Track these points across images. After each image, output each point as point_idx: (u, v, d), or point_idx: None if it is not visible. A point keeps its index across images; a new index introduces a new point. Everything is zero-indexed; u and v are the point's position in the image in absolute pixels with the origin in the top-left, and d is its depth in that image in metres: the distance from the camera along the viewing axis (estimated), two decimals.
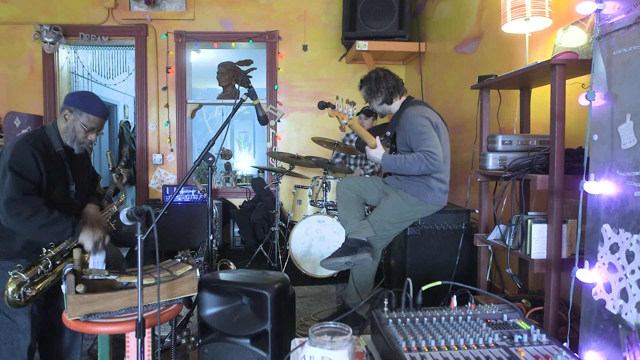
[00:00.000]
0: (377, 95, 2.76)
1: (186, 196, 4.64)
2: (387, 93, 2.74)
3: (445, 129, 2.71)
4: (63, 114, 1.99)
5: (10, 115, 4.33)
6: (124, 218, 1.59)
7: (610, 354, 1.30)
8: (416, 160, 2.48)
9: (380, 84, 2.74)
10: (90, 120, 1.99)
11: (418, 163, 2.47)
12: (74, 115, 1.98)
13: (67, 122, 1.98)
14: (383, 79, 2.75)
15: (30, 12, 4.89)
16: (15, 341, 1.92)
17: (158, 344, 1.81)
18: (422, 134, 2.52)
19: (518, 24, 2.23)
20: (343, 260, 2.53)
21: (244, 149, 9.41)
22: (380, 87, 2.74)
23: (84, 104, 1.98)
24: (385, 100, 2.76)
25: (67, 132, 1.99)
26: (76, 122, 1.98)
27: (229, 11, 5.05)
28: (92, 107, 1.99)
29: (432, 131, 2.54)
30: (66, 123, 1.99)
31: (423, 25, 4.59)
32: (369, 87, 2.77)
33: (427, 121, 2.55)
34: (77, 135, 2.00)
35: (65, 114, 1.99)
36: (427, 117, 2.57)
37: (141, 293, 1.46)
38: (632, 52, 1.25)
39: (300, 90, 5.16)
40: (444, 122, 2.73)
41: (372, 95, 2.77)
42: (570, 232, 1.78)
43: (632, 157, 1.25)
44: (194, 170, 2.13)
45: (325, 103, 2.69)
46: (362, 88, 2.83)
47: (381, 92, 2.74)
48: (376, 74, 2.78)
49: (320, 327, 1.07)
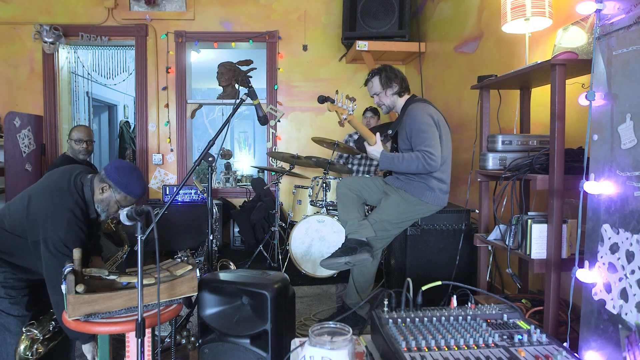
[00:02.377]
0: (394, 84, 2.73)
1: (186, 196, 4.64)
2: (402, 84, 2.75)
3: (447, 128, 2.70)
4: (101, 185, 1.92)
5: (10, 115, 4.34)
6: (124, 218, 1.59)
7: (610, 354, 1.30)
8: (414, 159, 2.48)
9: (396, 73, 2.75)
10: (126, 200, 1.94)
11: (416, 162, 2.47)
12: (112, 191, 1.92)
13: (104, 195, 1.93)
14: (397, 70, 2.77)
15: (30, 12, 4.89)
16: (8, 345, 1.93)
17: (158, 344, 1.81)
18: (423, 132, 2.51)
19: (518, 24, 2.23)
20: (343, 260, 2.53)
21: (244, 149, 9.41)
22: (397, 75, 2.74)
23: (125, 184, 1.91)
24: (399, 92, 2.75)
25: (101, 204, 1.95)
26: (112, 198, 1.93)
27: (229, 11, 5.05)
28: (133, 189, 1.93)
29: (433, 130, 2.53)
30: (102, 196, 1.93)
31: (423, 25, 4.59)
32: (386, 75, 2.73)
33: (430, 119, 2.55)
34: (110, 209, 1.97)
35: (103, 187, 1.92)
36: (430, 115, 2.57)
37: (141, 293, 1.46)
38: (632, 52, 1.25)
39: (300, 90, 5.16)
40: (446, 121, 2.73)
41: (389, 84, 2.72)
42: (570, 232, 1.78)
43: (632, 157, 1.25)
44: (194, 170, 2.13)
45: (324, 97, 2.65)
46: (375, 77, 2.76)
47: (397, 81, 2.73)
48: (389, 66, 2.79)
49: (320, 327, 1.07)
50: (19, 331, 1.88)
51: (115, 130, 7.46)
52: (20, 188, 4.30)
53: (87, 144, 3.37)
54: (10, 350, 1.88)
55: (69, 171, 1.97)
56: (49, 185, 1.93)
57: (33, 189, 1.95)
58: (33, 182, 4.35)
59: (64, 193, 1.87)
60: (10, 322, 1.91)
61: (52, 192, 1.88)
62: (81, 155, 3.38)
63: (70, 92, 5.23)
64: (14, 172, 4.30)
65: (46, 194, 1.88)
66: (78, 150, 3.36)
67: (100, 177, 1.93)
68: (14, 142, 4.33)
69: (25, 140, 4.43)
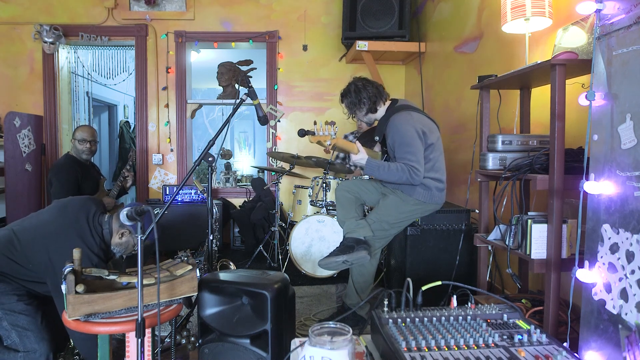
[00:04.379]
0: (361, 107, 2.71)
1: (186, 196, 4.64)
2: (370, 102, 2.69)
3: (435, 127, 2.69)
4: (121, 231, 2.06)
5: (10, 115, 4.34)
6: (124, 218, 1.59)
7: (610, 354, 1.30)
8: (399, 170, 2.49)
9: (360, 95, 2.68)
10: None
11: (400, 174, 2.49)
12: (130, 237, 2.08)
13: (122, 239, 2.08)
14: (363, 89, 2.69)
15: (30, 12, 4.89)
16: None
17: (158, 344, 1.81)
18: (407, 145, 2.51)
19: (518, 24, 2.23)
20: (340, 259, 2.53)
21: (244, 149, 9.41)
22: (361, 98, 2.69)
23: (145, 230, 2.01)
24: (370, 110, 2.72)
25: (119, 247, 2.10)
26: (130, 242, 2.09)
27: (229, 11, 5.05)
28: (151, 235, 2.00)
29: (416, 143, 2.52)
30: (121, 240, 2.08)
31: (423, 25, 4.59)
32: (350, 100, 2.72)
33: (413, 132, 2.53)
34: (127, 250, 2.12)
35: (123, 232, 2.07)
36: (413, 126, 2.54)
37: (141, 293, 1.46)
38: (632, 52, 1.25)
39: (300, 90, 5.16)
40: (432, 120, 2.71)
41: (355, 108, 2.72)
42: (570, 232, 1.78)
43: (632, 157, 1.25)
44: (194, 170, 2.13)
45: (304, 131, 2.65)
46: (344, 102, 2.77)
47: (363, 102, 2.69)
48: (355, 85, 2.72)
49: (320, 327, 1.07)
50: None
51: (115, 130, 7.45)
52: (20, 188, 4.31)
53: (90, 144, 3.37)
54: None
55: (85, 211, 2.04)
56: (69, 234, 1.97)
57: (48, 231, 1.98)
58: (33, 182, 4.42)
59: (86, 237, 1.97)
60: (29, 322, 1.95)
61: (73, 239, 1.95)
62: (84, 155, 3.38)
63: (70, 92, 5.23)
64: (14, 172, 4.30)
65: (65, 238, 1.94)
66: (81, 150, 3.36)
67: (120, 223, 2.03)
68: (14, 142, 4.33)
69: (25, 140, 4.42)
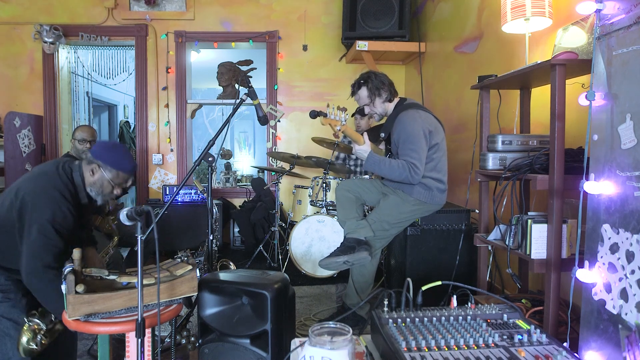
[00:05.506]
0: (382, 93, 2.71)
1: (186, 196, 4.64)
2: (390, 89, 2.72)
3: (441, 128, 2.69)
4: (90, 167, 1.91)
5: (10, 115, 4.33)
6: (124, 218, 1.59)
7: (610, 354, 1.30)
8: (399, 167, 2.49)
9: (383, 80, 2.71)
10: (119, 177, 1.93)
11: (400, 170, 2.49)
12: (102, 171, 1.91)
13: (95, 176, 1.91)
14: (382, 76, 2.73)
15: (30, 12, 4.89)
16: None
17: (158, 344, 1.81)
18: (412, 143, 2.51)
19: (518, 24, 2.23)
20: (341, 259, 2.53)
21: (244, 149, 9.41)
22: (384, 82, 2.71)
23: (114, 161, 1.90)
24: (389, 98, 2.73)
25: (94, 187, 1.93)
26: (104, 178, 1.91)
27: (229, 11, 5.05)
28: (122, 164, 1.92)
29: (421, 141, 2.52)
30: (93, 177, 1.92)
31: (423, 25, 4.59)
32: (373, 85, 2.70)
33: (420, 131, 2.53)
34: (104, 190, 1.95)
35: (92, 168, 1.91)
36: (420, 125, 2.55)
37: (141, 293, 1.46)
38: (632, 52, 1.25)
39: (300, 90, 5.16)
40: (438, 121, 2.71)
41: (377, 93, 2.71)
42: (570, 232, 1.78)
43: (632, 157, 1.25)
44: (194, 170, 2.13)
45: (316, 112, 2.64)
46: (363, 87, 2.74)
47: (385, 88, 2.71)
48: (373, 73, 2.74)
49: (320, 327, 1.07)
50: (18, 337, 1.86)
51: (115, 130, 7.45)
52: None
53: (90, 144, 3.37)
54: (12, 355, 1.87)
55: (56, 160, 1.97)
56: (35, 172, 1.92)
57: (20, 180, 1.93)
58: None
59: (51, 176, 1.86)
60: (10, 327, 1.87)
61: (37, 176, 1.88)
62: (84, 155, 3.39)
63: (70, 92, 5.23)
64: (14, 172, 4.29)
65: (33, 179, 1.87)
66: (81, 150, 3.36)
67: (88, 160, 1.92)
68: (14, 142, 4.33)
69: (25, 140, 4.42)
